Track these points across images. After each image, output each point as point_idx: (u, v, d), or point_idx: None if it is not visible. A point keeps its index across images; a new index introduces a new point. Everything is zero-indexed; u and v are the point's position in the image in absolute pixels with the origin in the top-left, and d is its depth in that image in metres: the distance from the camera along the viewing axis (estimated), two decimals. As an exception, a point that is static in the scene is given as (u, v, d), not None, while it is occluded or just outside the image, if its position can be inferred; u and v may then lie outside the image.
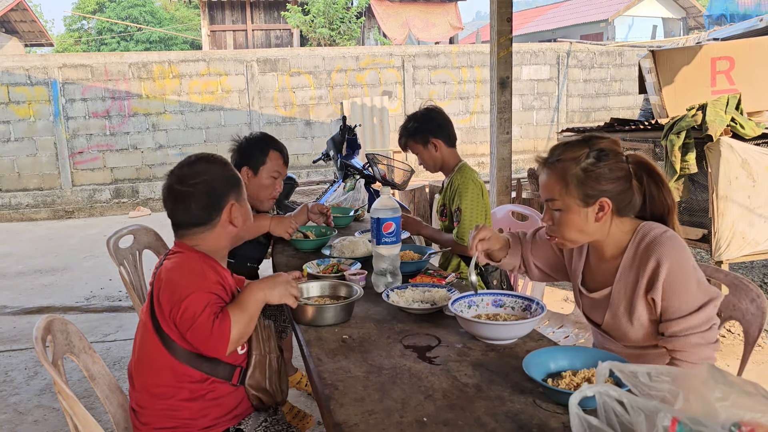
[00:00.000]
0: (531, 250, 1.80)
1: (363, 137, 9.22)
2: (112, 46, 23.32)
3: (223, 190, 1.58)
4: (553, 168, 1.51)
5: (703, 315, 1.41)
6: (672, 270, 1.42)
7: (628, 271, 1.51)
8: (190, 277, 1.48)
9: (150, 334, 1.51)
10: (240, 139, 2.52)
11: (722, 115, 3.35)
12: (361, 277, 1.98)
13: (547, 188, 1.53)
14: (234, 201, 1.60)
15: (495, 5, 4.21)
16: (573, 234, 1.52)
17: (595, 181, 1.46)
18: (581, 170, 1.46)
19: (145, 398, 1.54)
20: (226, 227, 1.60)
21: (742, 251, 3.44)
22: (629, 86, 11.15)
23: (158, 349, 1.50)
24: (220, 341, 1.42)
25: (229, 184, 1.60)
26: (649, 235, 1.48)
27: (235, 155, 2.49)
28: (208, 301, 1.44)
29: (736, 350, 3.20)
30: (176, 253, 1.58)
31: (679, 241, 1.45)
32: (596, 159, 1.46)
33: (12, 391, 3.16)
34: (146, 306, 1.55)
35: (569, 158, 1.48)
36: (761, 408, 0.78)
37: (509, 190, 4.42)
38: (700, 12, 17.53)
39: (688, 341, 1.42)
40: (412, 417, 1.17)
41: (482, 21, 33.01)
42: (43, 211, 8.92)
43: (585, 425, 0.85)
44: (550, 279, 1.84)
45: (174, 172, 1.59)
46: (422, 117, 2.56)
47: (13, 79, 8.92)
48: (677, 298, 1.43)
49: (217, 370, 1.53)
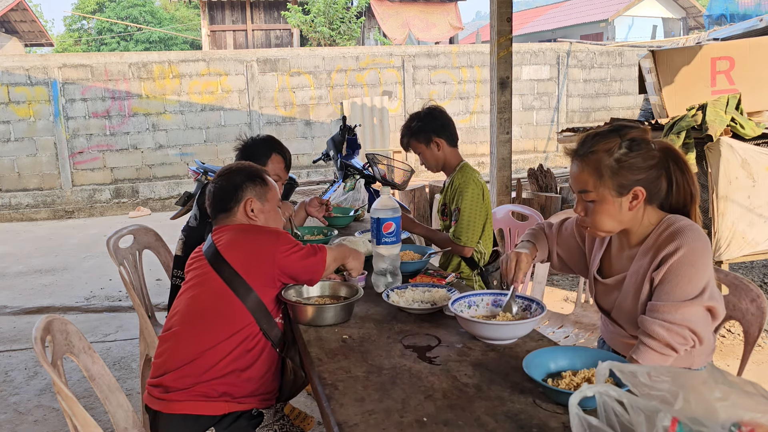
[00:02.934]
0: (557, 241, 1.82)
1: (363, 137, 9.23)
2: (112, 46, 23.31)
3: (240, 185, 1.81)
4: (585, 160, 1.49)
5: (679, 314, 1.40)
6: (684, 257, 1.42)
7: (644, 256, 1.51)
8: (263, 231, 1.77)
9: (220, 290, 1.66)
10: (246, 138, 2.53)
11: (722, 115, 3.35)
12: (361, 277, 1.98)
13: (580, 180, 1.51)
14: (252, 197, 1.81)
15: (495, 5, 4.21)
16: (608, 224, 1.51)
17: (629, 171, 1.45)
18: (615, 161, 1.45)
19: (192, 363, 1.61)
20: (245, 219, 1.81)
21: (742, 251, 3.44)
22: (629, 86, 11.16)
23: (228, 299, 1.65)
24: (321, 267, 1.74)
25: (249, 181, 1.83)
26: (675, 224, 1.48)
27: (240, 154, 2.49)
28: (290, 241, 1.72)
29: (736, 350, 3.20)
30: (222, 232, 1.77)
31: (703, 236, 1.45)
32: (628, 149, 1.45)
33: (12, 391, 3.16)
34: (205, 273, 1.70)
35: (602, 149, 1.46)
36: (761, 408, 0.78)
37: (509, 190, 4.43)
38: (700, 12, 17.53)
39: (653, 327, 1.41)
40: (412, 417, 1.17)
41: (482, 21, 33.02)
42: (43, 211, 8.92)
43: (585, 425, 0.84)
44: (568, 270, 1.85)
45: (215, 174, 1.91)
46: (425, 116, 2.56)
47: (13, 79, 8.92)
48: (670, 284, 1.42)
49: (272, 329, 1.70)
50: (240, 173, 1.85)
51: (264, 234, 1.76)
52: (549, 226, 1.85)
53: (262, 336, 1.69)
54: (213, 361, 1.61)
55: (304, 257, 1.72)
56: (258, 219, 1.83)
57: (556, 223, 1.84)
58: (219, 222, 1.84)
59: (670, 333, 1.40)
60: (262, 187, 1.86)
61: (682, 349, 1.42)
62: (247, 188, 1.82)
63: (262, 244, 1.72)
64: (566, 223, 1.82)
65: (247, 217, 1.82)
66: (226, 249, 1.71)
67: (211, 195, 1.85)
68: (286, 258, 1.69)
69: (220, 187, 1.84)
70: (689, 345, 1.42)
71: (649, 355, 1.42)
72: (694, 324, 1.40)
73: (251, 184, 1.84)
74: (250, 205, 1.81)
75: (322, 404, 1.28)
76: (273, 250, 1.69)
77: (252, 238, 1.75)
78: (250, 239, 1.74)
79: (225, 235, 1.76)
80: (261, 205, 1.84)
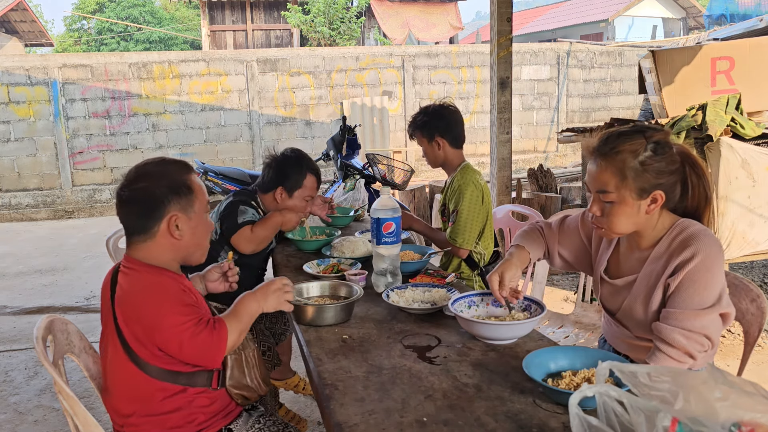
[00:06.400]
0: (558, 240, 1.77)
1: (363, 137, 9.23)
2: (111, 46, 23.31)
3: (162, 198, 1.47)
4: (609, 159, 1.45)
5: (698, 321, 1.39)
6: (700, 264, 1.41)
7: (657, 260, 1.50)
8: (154, 297, 1.42)
9: (119, 352, 1.46)
10: (277, 155, 2.48)
11: (722, 115, 3.35)
12: (361, 277, 1.98)
13: (600, 180, 1.47)
14: (177, 212, 1.48)
15: (495, 5, 4.21)
16: (623, 226, 1.49)
17: (652, 174, 1.43)
18: (639, 163, 1.42)
19: (124, 405, 1.49)
20: (168, 239, 1.49)
21: (742, 251, 3.44)
22: (629, 86, 11.16)
23: (129, 367, 1.45)
24: (218, 351, 1.41)
25: (173, 192, 1.48)
26: (688, 229, 1.46)
27: (271, 172, 2.44)
28: (184, 316, 1.40)
29: (736, 350, 3.20)
30: (128, 269, 1.49)
31: (717, 242, 1.44)
32: (653, 152, 1.43)
33: (12, 391, 3.16)
34: (110, 327, 1.48)
35: (628, 150, 1.43)
36: (761, 408, 0.78)
37: (509, 190, 4.42)
38: (700, 12, 17.52)
39: (672, 335, 1.40)
40: (412, 417, 1.17)
41: (482, 21, 33.01)
42: (43, 211, 8.92)
43: (585, 425, 0.85)
44: (571, 268, 1.82)
45: (125, 175, 1.53)
46: (433, 113, 2.56)
47: (13, 79, 8.92)
48: (688, 292, 1.41)
49: (195, 379, 1.49)
50: (160, 182, 1.48)
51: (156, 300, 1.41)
52: (548, 225, 1.81)
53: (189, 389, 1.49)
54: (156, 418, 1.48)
55: (191, 337, 1.38)
56: (183, 237, 1.49)
57: (556, 222, 1.80)
58: (132, 246, 1.50)
59: (689, 341, 1.39)
60: (187, 197, 1.50)
61: (699, 356, 1.41)
62: (170, 202, 1.47)
63: (147, 314, 1.40)
64: (568, 221, 1.79)
65: (171, 237, 1.48)
66: (120, 309, 1.45)
67: (125, 208, 1.50)
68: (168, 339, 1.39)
69: (136, 200, 1.48)
70: (704, 351, 1.42)
71: (667, 363, 1.41)
72: (711, 331, 1.40)
73: (175, 196, 1.48)
74: (174, 222, 1.47)
75: (322, 404, 1.28)
76: (156, 325, 1.39)
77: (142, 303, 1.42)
78: (140, 305, 1.42)
79: (128, 278, 1.47)
80: (188, 220, 1.50)
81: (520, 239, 1.79)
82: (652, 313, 1.50)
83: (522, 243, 1.77)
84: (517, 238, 1.80)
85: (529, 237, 1.79)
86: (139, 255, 1.50)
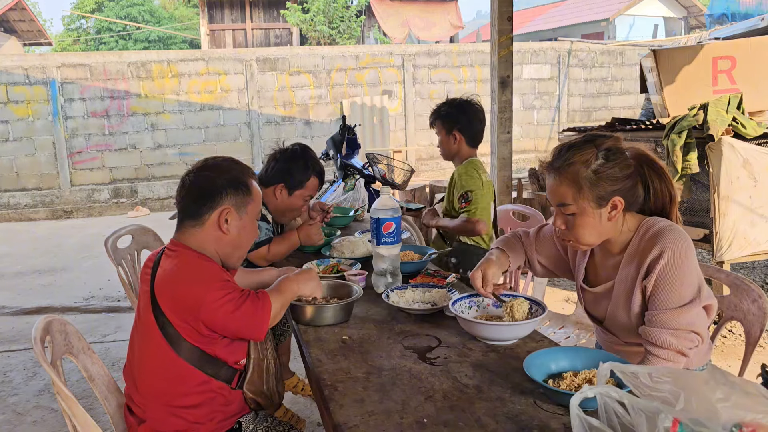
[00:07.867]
0: (536, 248, 1.77)
1: (363, 137, 9.22)
2: (110, 45, 23.30)
3: (220, 190, 1.54)
4: (563, 172, 1.46)
5: (683, 319, 1.39)
6: (671, 261, 1.41)
7: (630, 263, 1.51)
8: (198, 275, 1.48)
9: (154, 335, 1.49)
10: (285, 148, 2.45)
11: (724, 115, 3.35)
12: (361, 278, 1.97)
13: (558, 194, 1.49)
14: (231, 207, 1.54)
15: (495, 4, 4.20)
16: (589, 237, 1.49)
17: (606, 181, 1.44)
18: (592, 172, 1.43)
19: (148, 400, 1.53)
20: (215, 230, 1.54)
21: (743, 251, 3.44)
22: (630, 86, 11.16)
23: (163, 349, 1.49)
24: (262, 320, 1.48)
25: (232, 187, 1.55)
26: (654, 227, 1.47)
27: (276, 167, 2.41)
28: (227, 290, 1.45)
29: (737, 351, 3.20)
30: (172, 251, 1.54)
31: (683, 235, 1.44)
32: (605, 159, 1.44)
33: (11, 391, 3.16)
34: (145, 306, 1.53)
35: (579, 161, 1.44)
36: (762, 409, 0.77)
37: (510, 189, 4.42)
38: (702, 11, 17.52)
39: (660, 337, 1.40)
40: (412, 418, 1.16)
41: (483, 20, 32.98)
42: (42, 211, 8.92)
43: (586, 426, 0.84)
44: (553, 275, 1.83)
45: (193, 164, 1.63)
46: (458, 106, 2.58)
47: (12, 78, 8.91)
48: (665, 291, 1.42)
49: (220, 372, 1.53)
50: (222, 175, 1.56)
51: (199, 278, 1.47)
52: (525, 234, 1.81)
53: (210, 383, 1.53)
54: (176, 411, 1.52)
55: (235, 308, 1.44)
56: (230, 233, 1.55)
57: (534, 231, 1.80)
58: (181, 230, 1.56)
59: (678, 339, 1.39)
60: (244, 196, 1.57)
61: (691, 353, 1.42)
62: (227, 195, 1.54)
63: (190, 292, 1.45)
64: (544, 230, 1.78)
65: (218, 230, 1.54)
66: (161, 287, 1.49)
67: (184, 191, 1.56)
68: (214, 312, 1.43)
69: (196, 186, 1.55)
70: (695, 346, 1.42)
71: (661, 365, 1.41)
72: (697, 326, 1.41)
73: (233, 190, 1.55)
74: (226, 215, 1.53)
75: (322, 405, 1.27)
76: (200, 301, 1.43)
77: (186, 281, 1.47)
78: (184, 282, 1.47)
79: (171, 260, 1.52)
80: (238, 218, 1.56)
81: (502, 244, 1.79)
82: (636, 316, 1.51)
83: (503, 247, 1.77)
84: (499, 242, 1.80)
85: (510, 243, 1.79)
86: (186, 239, 1.56)
